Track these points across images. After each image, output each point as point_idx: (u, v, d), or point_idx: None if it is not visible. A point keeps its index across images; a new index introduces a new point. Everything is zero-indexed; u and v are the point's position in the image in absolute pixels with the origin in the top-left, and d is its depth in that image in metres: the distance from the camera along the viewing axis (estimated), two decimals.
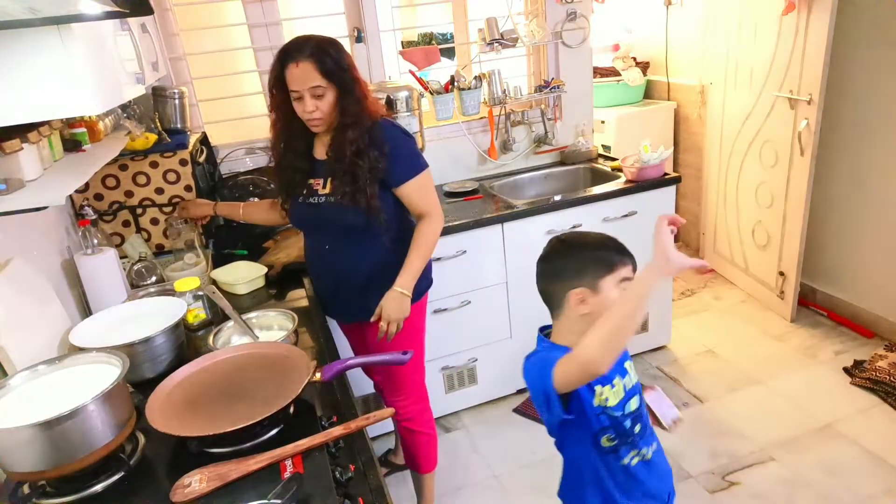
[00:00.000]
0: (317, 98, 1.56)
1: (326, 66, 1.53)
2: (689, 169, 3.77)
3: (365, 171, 1.60)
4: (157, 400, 1.19)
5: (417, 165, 1.69)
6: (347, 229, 1.68)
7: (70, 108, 1.10)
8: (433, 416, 2.05)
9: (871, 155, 2.76)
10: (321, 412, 1.23)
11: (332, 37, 1.62)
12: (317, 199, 1.70)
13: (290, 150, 1.71)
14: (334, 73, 1.55)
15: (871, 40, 2.64)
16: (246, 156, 2.57)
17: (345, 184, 1.61)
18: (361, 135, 1.60)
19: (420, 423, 1.99)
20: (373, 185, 1.62)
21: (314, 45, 1.54)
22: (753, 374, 2.73)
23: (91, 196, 1.98)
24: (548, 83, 2.84)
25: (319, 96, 1.56)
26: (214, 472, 1.03)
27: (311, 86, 1.54)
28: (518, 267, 2.48)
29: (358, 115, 1.60)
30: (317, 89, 1.55)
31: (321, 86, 1.55)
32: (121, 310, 1.58)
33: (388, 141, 1.64)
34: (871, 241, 2.85)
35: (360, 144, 1.59)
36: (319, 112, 1.58)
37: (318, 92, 1.55)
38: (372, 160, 1.60)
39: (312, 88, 1.55)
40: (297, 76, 1.54)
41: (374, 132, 1.61)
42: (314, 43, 1.55)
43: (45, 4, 0.98)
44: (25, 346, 1.31)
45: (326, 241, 1.75)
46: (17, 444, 1.00)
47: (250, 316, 1.61)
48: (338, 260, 1.75)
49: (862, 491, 2.07)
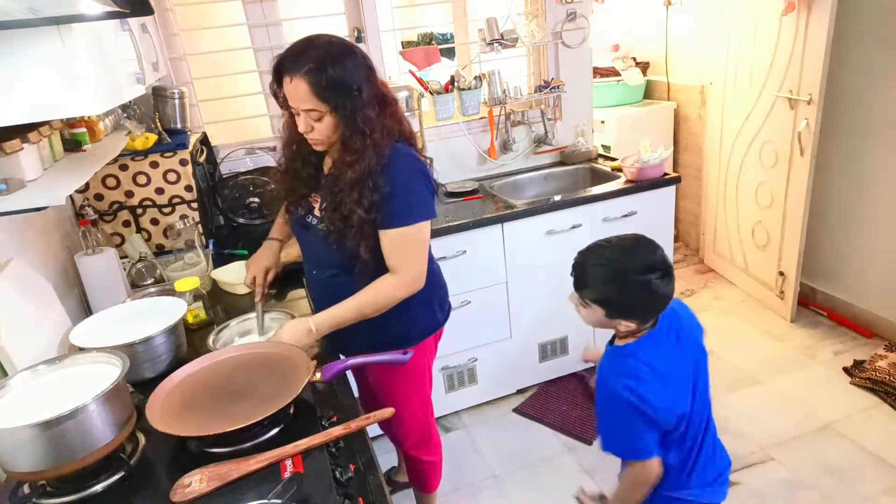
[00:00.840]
0: (314, 120, 1.35)
1: (322, 87, 1.29)
2: (689, 169, 3.77)
3: (358, 219, 1.38)
4: (157, 400, 1.19)
5: (409, 215, 1.41)
6: (334, 259, 1.49)
7: (70, 108, 1.10)
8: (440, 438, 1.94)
9: (871, 155, 2.76)
10: (321, 412, 1.23)
11: (347, 43, 1.36)
12: (311, 219, 1.53)
13: (300, 156, 1.51)
14: (332, 96, 1.30)
15: (871, 40, 2.64)
16: (246, 156, 2.57)
17: (333, 222, 1.42)
18: (363, 177, 1.35)
19: (427, 452, 1.87)
20: (366, 237, 1.40)
21: (313, 60, 1.29)
22: (753, 374, 2.73)
23: (91, 196, 1.98)
24: (548, 83, 2.84)
25: (316, 120, 1.35)
26: (214, 472, 1.03)
27: (304, 108, 1.33)
28: (518, 267, 2.48)
29: (361, 153, 1.35)
30: (311, 113, 1.33)
31: (315, 109, 1.32)
32: (121, 310, 1.58)
33: (392, 180, 1.38)
34: (871, 241, 2.85)
35: (360, 189, 1.36)
36: (317, 134, 1.37)
37: (314, 116, 1.34)
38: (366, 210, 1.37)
39: (306, 111, 1.34)
40: (291, 93, 1.33)
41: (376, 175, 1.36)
42: (314, 56, 1.29)
43: (45, 4, 0.98)
44: (25, 347, 1.31)
45: (314, 265, 1.60)
46: (17, 444, 1.00)
47: (247, 318, 1.60)
48: (323, 288, 1.59)
49: (862, 491, 2.07)
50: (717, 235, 3.60)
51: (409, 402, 1.73)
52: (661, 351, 1.23)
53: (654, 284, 1.16)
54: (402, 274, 1.44)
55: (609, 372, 1.25)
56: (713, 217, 3.60)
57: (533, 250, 2.48)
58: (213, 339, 1.53)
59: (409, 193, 1.42)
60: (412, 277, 1.46)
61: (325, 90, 1.30)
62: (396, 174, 1.39)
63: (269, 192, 2.44)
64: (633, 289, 1.18)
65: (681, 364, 1.25)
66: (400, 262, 1.44)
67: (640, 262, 1.18)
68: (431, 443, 1.88)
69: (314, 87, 1.29)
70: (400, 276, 1.45)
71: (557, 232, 2.48)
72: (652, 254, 1.19)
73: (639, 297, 1.19)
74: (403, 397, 1.71)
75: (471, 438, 2.53)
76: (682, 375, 1.25)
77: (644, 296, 1.18)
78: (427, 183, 1.47)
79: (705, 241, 3.74)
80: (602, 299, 1.22)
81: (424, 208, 1.45)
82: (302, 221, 1.56)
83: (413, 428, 1.81)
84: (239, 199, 2.41)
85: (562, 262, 2.48)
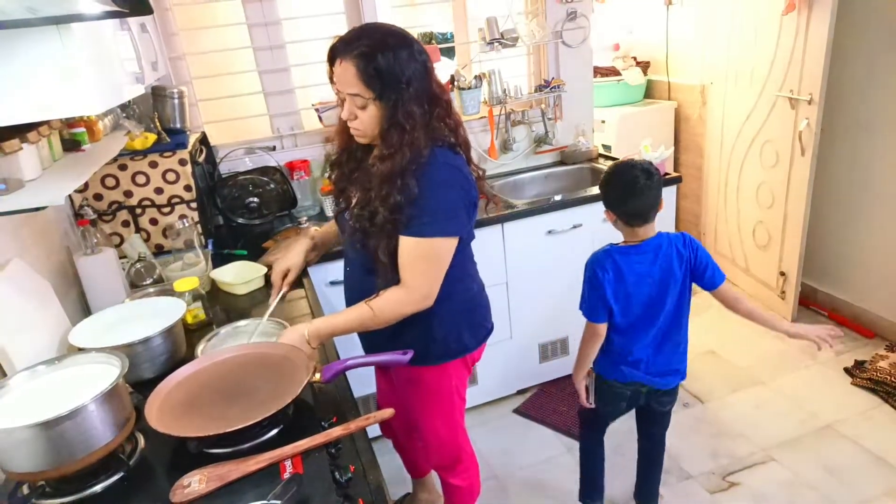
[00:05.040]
0: (358, 108, 1.30)
1: (369, 72, 1.24)
2: (690, 169, 3.77)
3: (382, 220, 1.31)
4: (156, 400, 1.18)
5: (429, 226, 1.32)
6: (365, 258, 1.42)
7: (69, 108, 1.10)
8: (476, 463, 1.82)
9: (872, 155, 2.75)
10: (321, 412, 1.23)
11: (406, 35, 1.31)
12: (347, 215, 1.46)
13: (346, 148, 1.46)
14: (378, 84, 1.25)
15: (871, 40, 2.64)
16: (245, 156, 2.56)
17: (361, 218, 1.36)
18: (393, 174, 1.29)
19: (454, 475, 1.75)
20: (389, 238, 1.33)
21: (366, 44, 1.25)
22: (754, 375, 2.73)
23: (90, 196, 1.98)
24: (548, 83, 2.84)
25: (360, 107, 1.29)
26: (214, 473, 1.03)
27: (349, 92, 1.28)
28: (518, 267, 2.48)
29: (397, 148, 1.28)
30: (356, 98, 1.28)
31: (360, 95, 1.27)
32: (120, 310, 1.58)
33: (421, 184, 1.30)
34: (872, 241, 2.84)
35: (388, 188, 1.29)
36: (359, 123, 1.32)
37: (358, 102, 1.28)
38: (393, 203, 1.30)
39: (351, 96, 1.29)
40: (339, 76, 1.28)
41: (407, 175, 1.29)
42: (368, 41, 1.25)
43: (45, 4, 0.98)
44: (25, 347, 1.31)
45: (348, 261, 1.55)
46: (16, 444, 1.00)
47: (241, 324, 1.58)
48: (355, 285, 1.53)
49: (862, 491, 2.07)
50: (718, 235, 3.60)
51: (432, 424, 1.66)
52: (630, 260, 1.64)
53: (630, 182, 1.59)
54: (410, 289, 1.35)
55: (593, 256, 1.70)
56: (714, 217, 3.60)
57: (533, 250, 2.48)
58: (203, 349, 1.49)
59: (435, 203, 1.32)
60: (422, 295, 1.36)
61: (371, 76, 1.25)
62: (428, 180, 1.31)
63: (268, 192, 2.44)
64: (616, 182, 1.64)
65: (640, 277, 1.64)
66: (410, 275, 1.35)
67: (626, 168, 1.63)
68: (459, 467, 1.76)
69: (361, 72, 1.25)
70: (408, 290, 1.35)
71: (558, 232, 2.48)
72: (633, 166, 1.62)
73: (619, 190, 1.62)
74: (427, 419, 1.66)
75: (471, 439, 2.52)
76: (635, 284, 1.65)
77: (623, 189, 1.61)
78: (462, 197, 1.36)
79: (706, 241, 3.74)
80: (603, 198, 1.67)
81: (448, 224, 1.35)
82: (340, 212, 1.51)
83: (437, 451, 1.73)
84: (238, 199, 2.40)
85: (562, 262, 2.52)
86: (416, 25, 3.10)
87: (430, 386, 1.57)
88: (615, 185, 1.64)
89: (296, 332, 1.37)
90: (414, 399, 1.63)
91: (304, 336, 1.35)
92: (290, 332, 1.38)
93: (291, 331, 1.39)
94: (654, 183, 1.59)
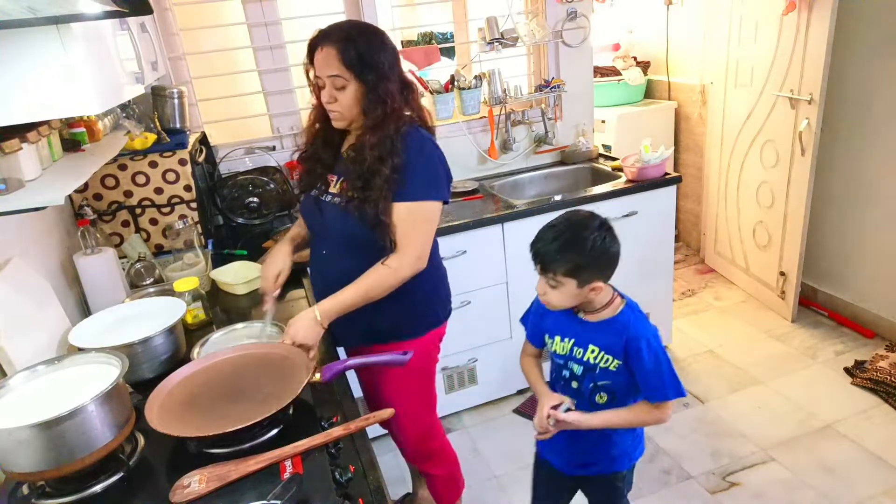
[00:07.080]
0: (337, 89, 1.41)
1: (350, 55, 1.38)
2: (690, 169, 3.77)
3: (381, 180, 1.41)
4: (156, 400, 1.18)
5: (422, 190, 1.45)
6: (349, 237, 1.50)
7: (69, 108, 1.10)
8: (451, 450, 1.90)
9: (873, 154, 2.75)
10: (321, 412, 1.23)
11: (380, 30, 1.47)
12: (326, 197, 1.55)
13: (322, 138, 1.57)
14: (357, 65, 1.39)
15: (871, 40, 2.64)
16: (245, 155, 2.56)
17: (355, 188, 1.44)
18: (382, 140, 1.41)
19: (432, 465, 1.83)
20: (386, 199, 1.42)
21: (344, 31, 1.40)
22: (754, 375, 2.73)
23: (90, 196, 1.98)
24: (548, 83, 2.84)
25: (339, 88, 1.41)
26: (214, 473, 1.03)
27: (329, 74, 1.40)
28: (518, 267, 2.48)
29: (379, 120, 1.41)
30: (335, 79, 1.40)
31: (340, 76, 1.39)
32: (120, 310, 1.58)
33: (408, 151, 1.44)
34: (873, 241, 2.84)
35: (381, 151, 1.41)
36: (338, 105, 1.43)
37: (338, 83, 1.40)
38: (389, 170, 1.41)
39: (331, 78, 1.40)
40: (319, 61, 1.41)
41: (396, 140, 1.43)
42: (346, 29, 1.41)
43: (45, 4, 0.98)
44: (25, 347, 1.31)
45: (325, 244, 1.60)
46: (16, 445, 1.00)
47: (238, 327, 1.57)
48: (333, 268, 1.57)
49: (862, 491, 2.07)
50: (718, 235, 3.60)
51: (409, 400, 1.70)
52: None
53: (607, 238, 1.32)
54: (406, 253, 1.45)
55: (645, 326, 1.37)
56: (714, 217, 3.60)
57: None
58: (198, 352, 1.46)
59: (425, 169, 1.46)
60: (417, 256, 1.46)
61: (352, 56, 1.38)
62: (414, 147, 1.44)
63: (268, 191, 2.44)
64: (594, 245, 1.31)
65: None
66: (407, 239, 1.45)
67: (589, 223, 1.33)
68: (435, 454, 1.84)
69: (342, 54, 1.37)
70: (404, 254, 1.45)
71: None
72: (592, 217, 1.35)
73: (599, 252, 1.31)
74: (405, 395, 1.69)
75: (471, 439, 2.53)
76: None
77: (603, 249, 1.31)
78: (443, 167, 1.51)
79: (706, 241, 3.74)
80: (571, 268, 1.33)
81: (438, 189, 1.48)
82: (315, 200, 1.58)
83: (413, 436, 1.78)
84: (238, 199, 2.41)
85: None
86: (416, 25, 3.10)
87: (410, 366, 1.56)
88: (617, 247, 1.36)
89: (305, 317, 1.41)
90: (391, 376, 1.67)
91: (316, 317, 1.41)
92: (300, 319, 1.41)
93: (300, 317, 1.42)
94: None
